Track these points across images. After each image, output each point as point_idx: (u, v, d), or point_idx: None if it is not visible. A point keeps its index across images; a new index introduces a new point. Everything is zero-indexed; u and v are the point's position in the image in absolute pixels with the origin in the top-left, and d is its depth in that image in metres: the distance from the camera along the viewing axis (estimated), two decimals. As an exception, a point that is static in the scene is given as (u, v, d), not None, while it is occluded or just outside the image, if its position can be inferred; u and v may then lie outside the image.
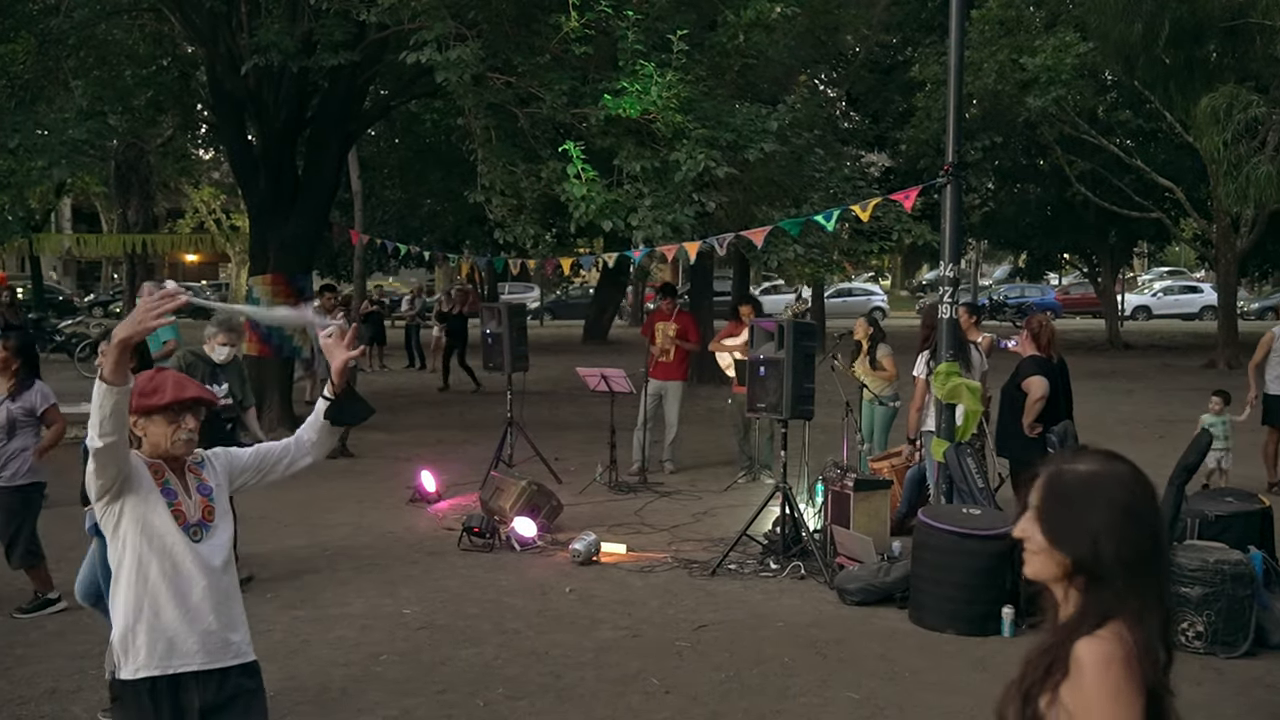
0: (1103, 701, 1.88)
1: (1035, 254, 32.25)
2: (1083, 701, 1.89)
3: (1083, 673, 1.89)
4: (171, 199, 33.31)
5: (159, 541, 3.18)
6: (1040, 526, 2.00)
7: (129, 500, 3.16)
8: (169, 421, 3.21)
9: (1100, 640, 1.90)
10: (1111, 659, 1.89)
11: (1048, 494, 2.02)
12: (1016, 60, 18.30)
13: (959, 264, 7.62)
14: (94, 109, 13.23)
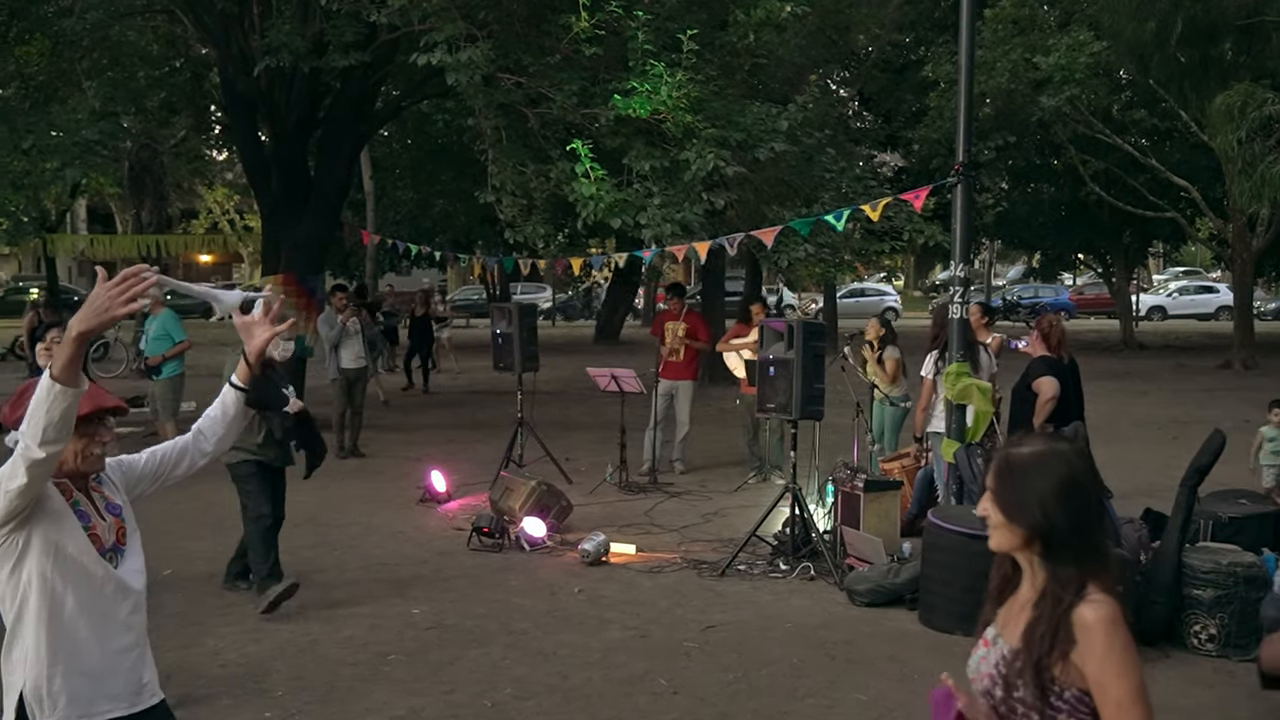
0: (1116, 655, 2.12)
1: (1049, 254, 32.13)
2: (1098, 659, 2.12)
3: (1093, 635, 2.12)
4: (185, 199, 33.45)
5: (77, 571, 2.77)
6: (996, 504, 2.24)
7: (38, 526, 2.71)
8: (82, 434, 2.77)
9: (1097, 604, 2.14)
10: (1114, 618, 2.14)
11: (1000, 474, 2.26)
12: (1030, 59, 18.23)
13: (970, 264, 7.59)
14: (107, 110, 13.29)
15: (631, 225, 9.56)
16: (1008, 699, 2.21)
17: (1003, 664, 2.24)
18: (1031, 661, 2.16)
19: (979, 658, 2.34)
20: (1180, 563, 6.20)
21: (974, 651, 2.37)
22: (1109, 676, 2.13)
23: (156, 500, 9.92)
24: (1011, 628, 2.27)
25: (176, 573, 7.65)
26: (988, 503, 2.27)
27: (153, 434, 13.38)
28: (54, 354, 2.46)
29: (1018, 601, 2.29)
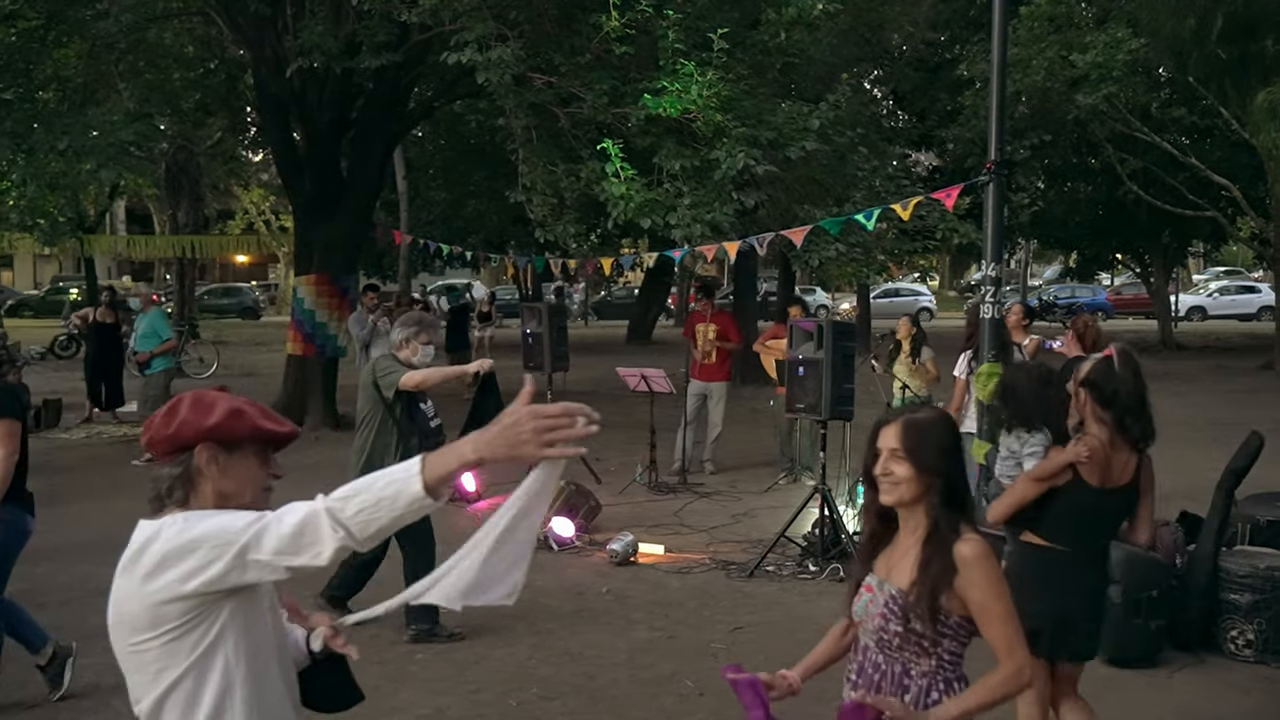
0: (994, 581, 2.58)
1: (1086, 254, 31.77)
2: (979, 586, 2.55)
3: (973, 566, 2.55)
4: (222, 200, 33.80)
5: (266, 647, 2.25)
6: (907, 458, 2.60)
7: (234, 599, 2.15)
8: (260, 459, 2.31)
9: (972, 541, 2.57)
10: (987, 551, 2.57)
11: (909, 434, 2.62)
12: (1066, 57, 18.04)
13: (1002, 263, 7.50)
14: (142, 111, 13.43)
15: (661, 225, 9.53)
16: (904, 631, 2.59)
17: (893, 602, 2.62)
18: (927, 593, 2.55)
19: (865, 602, 2.69)
20: (1217, 567, 6.09)
21: (858, 598, 2.73)
22: (990, 599, 2.56)
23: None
24: (897, 572, 2.65)
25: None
26: (891, 463, 2.62)
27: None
28: (431, 464, 1.99)
29: (898, 550, 2.69)
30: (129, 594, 2.12)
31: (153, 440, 2.24)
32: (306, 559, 2.05)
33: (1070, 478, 4.03)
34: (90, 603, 6.94)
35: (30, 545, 7.93)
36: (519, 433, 1.94)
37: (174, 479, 2.20)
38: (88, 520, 9.05)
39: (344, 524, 2.00)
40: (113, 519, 9.15)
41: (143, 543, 2.14)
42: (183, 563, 2.07)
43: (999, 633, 2.56)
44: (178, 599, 2.08)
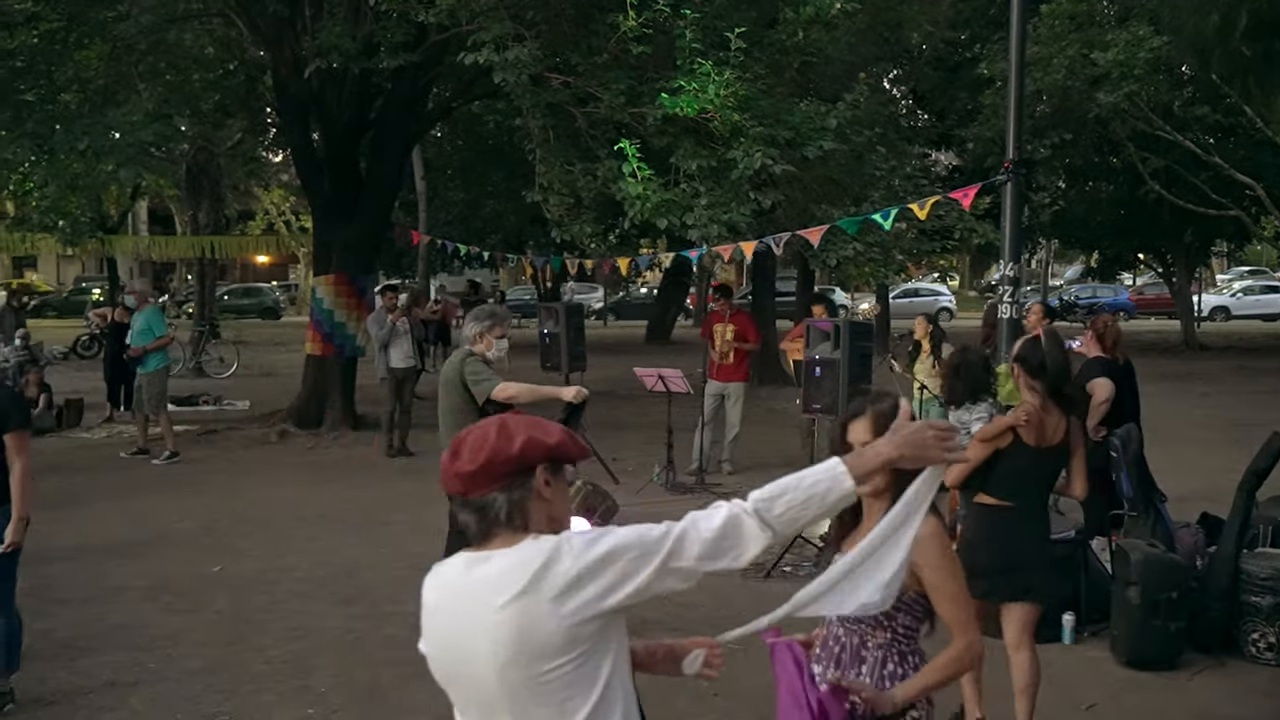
0: (947, 560, 2.79)
1: (1107, 253, 31.56)
2: (933, 565, 2.75)
3: (928, 545, 2.67)
4: (242, 201, 33.96)
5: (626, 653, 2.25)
6: None
7: (620, 619, 2.15)
8: (560, 481, 2.25)
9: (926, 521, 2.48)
10: (940, 530, 2.78)
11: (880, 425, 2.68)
12: (1087, 55, 17.91)
13: (1020, 263, 7.46)
14: (161, 112, 13.50)
15: (678, 225, 9.51)
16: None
17: None
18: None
19: None
20: (1237, 569, 6.04)
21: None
22: (942, 579, 2.76)
23: (205, 499, 10.06)
24: None
25: (226, 569, 7.73)
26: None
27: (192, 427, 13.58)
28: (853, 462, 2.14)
29: (861, 533, 2.73)
30: (538, 618, 2.03)
31: (482, 469, 2.13)
32: (727, 562, 2.12)
33: (1011, 440, 4.69)
34: (108, 601, 7.00)
35: (49, 544, 8.03)
36: (924, 438, 2.18)
37: (511, 504, 2.13)
38: (107, 520, 9.12)
39: (770, 523, 2.10)
40: (130, 519, 9.28)
41: (540, 566, 2.05)
42: (601, 578, 2.05)
43: (950, 611, 2.78)
44: (596, 616, 2.05)
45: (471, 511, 2.14)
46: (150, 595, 7.11)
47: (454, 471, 2.14)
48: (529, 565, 2.05)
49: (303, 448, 12.83)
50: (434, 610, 2.19)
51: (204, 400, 16.40)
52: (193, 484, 10.66)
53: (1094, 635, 6.28)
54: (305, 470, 11.56)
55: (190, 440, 13.11)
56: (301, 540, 8.58)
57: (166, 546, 8.36)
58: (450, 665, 2.17)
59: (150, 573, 7.60)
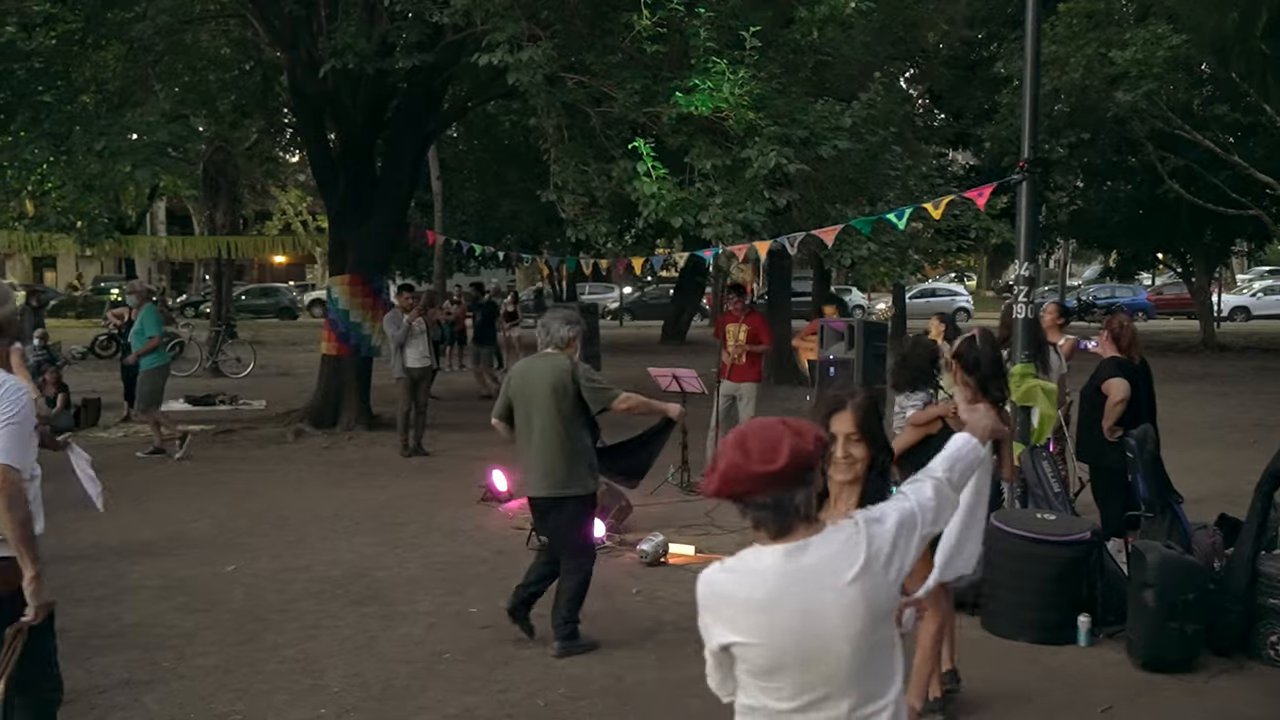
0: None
1: (1125, 253, 31.38)
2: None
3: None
4: (259, 201, 34.09)
5: None
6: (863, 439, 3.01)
7: None
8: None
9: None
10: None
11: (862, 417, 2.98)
12: (1105, 54, 17.80)
13: (1035, 263, 7.41)
14: (176, 112, 13.56)
15: (693, 224, 9.48)
16: None
17: None
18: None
19: None
20: (1255, 570, 5.98)
21: None
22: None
23: (221, 499, 10.10)
24: None
25: (240, 569, 7.75)
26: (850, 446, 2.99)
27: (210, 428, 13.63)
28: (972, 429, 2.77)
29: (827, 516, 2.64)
30: (879, 587, 2.36)
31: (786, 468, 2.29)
32: (941, 524, 2.63)
33: (940, 427, 5.06)
34: (124, 600, 7.02)
35: (66, 542, 8.08)
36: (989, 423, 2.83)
37: (809, 498, 2.35)
38: (123, 519, 9.15)
39: (955, 486, 2.61)
40: (146, 518, 9.31)
41: (866, 543, 2.37)
42: (900, 549, 2.42)
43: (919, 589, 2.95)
44: (899, 579, 2.44)
45: (766, 509, 2.32)
46: (165, 594, 7.13)
47: (749, 473, 2.28)
48: (857, 544, 2.35)
49: (318, 447, 12.87)
50: (771, 603, 2.31)
51: (220, 400, 16.47)
52: (208, 483, 10.70)
53: (1110, 638, 6.23)
54: (320, 470, 11.58)
55: (206, 440, 13.16)
56: (316, 539, 8.60)
57: (181, 546, 8.39)
58: (797, 649, 2.31)
59: (165, 572, 7.63)
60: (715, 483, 2.34)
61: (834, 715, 2.35)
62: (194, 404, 16.03)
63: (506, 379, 6.33)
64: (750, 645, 2.33)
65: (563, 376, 6.01)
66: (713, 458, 2.42)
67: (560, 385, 6.00)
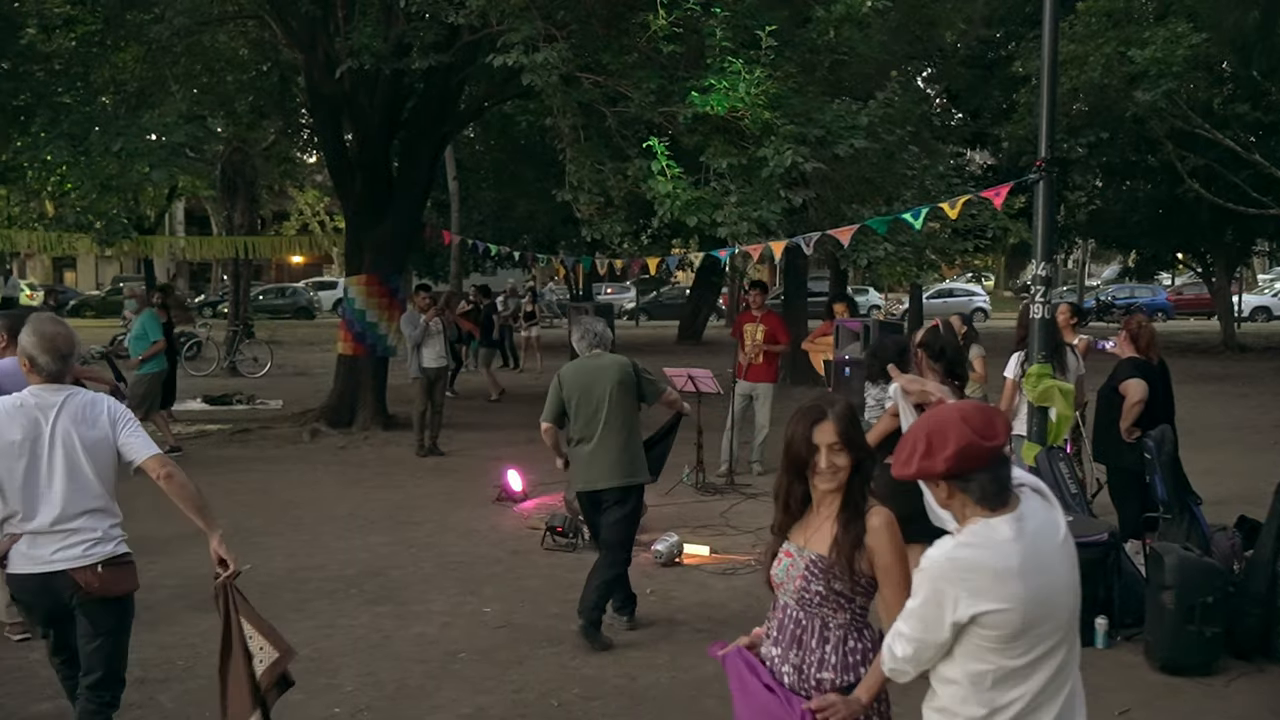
0: (898, 547, 2.99)
1: (1145, 253, 31.18)
2: (887, 551, 2.97)
3: (882, 534, 2.98)
4: (277, 201, 34.21)
5: None
6: (846, 448, 2.98)
7: None
8: None
9: (879, 512, 3.01)
10: (892, 521, 3.00)
11: (845, 425, 2.99)
12: (1124, 53, 17.67)
13: (1052, 263, 7.36)
14: (193, 113, 13.61)
15: (708, 223, 9.46)
16: (825, 590, 2.98)
17: (814, 566, 3.00)
18: (846, 556, 2.96)
19: (786, 566, 3.07)
20: (1275, 572, 5.92)
21: (777, 564, 3.10)
22: (894, 561, 2.97)
23: (237, 498, 10.12)
24: (815, 540, 3.03)
25: (255, 567, 7.77)
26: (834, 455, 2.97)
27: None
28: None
29: (813, 523, 3.06)
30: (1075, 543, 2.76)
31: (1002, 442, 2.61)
32: None
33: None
34: (140, 597, 7.00)
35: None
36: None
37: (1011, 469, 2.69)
38: (140, 517, 9.15)
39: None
40: (162, 517, 9.27)
41: (1057, 506, 2.77)
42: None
43: (895, 596, 2.93)
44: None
45: (993, 482, 2.60)
46: (181, 593, 7.16)
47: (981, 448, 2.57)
48: (1053, 507, 2.72)
49: (334, 447, 12.90)
50: (1024, 569, 2.55)
51: (237, 399, 16.53)
52: (224, 483, 10.73)
53: (1128, 640, 6.18)
54: (336, 469, 11.61)
55: (223, 439, 13.22)
56: (331, 539, 8.62)
57: (197, 544, 8.37)
58: (1042, 608, 2.57)
59: (181, 570, 7.65)
60: (950, 461, 2.55)
61: (1062, 661, 2.65)
62: (211, 403, 16.10)
63: (556, 383, 6.49)
64: (1004, 611, 2.53)
65: (627, 372, 6.40)
66: (914, 441, 2.63)
67: (627, 380, 6.38)
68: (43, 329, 4.21)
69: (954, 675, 2.65)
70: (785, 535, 3.13)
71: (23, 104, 12.30)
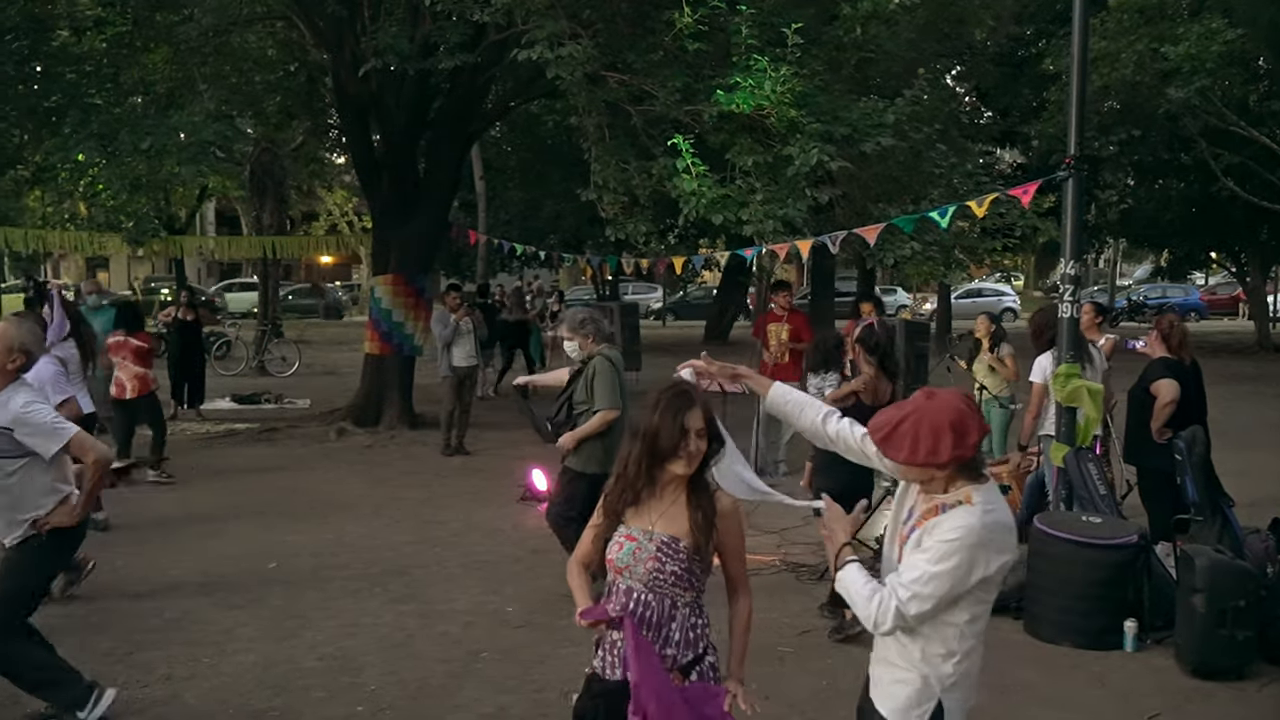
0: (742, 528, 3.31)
1: (1177, 252, 30.85)
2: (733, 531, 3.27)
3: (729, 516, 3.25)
4: (307, 202, 34.38)
5: None
6: (708, 433, 3.17)
7: None
8: None
9: (725, 495, 3.29)
10: (736, 503, 3.30)
11: (709, 413, 3.19)
12: (1157, 50, 17.47)
13: (1081, 262, 7.27)
14: (221, 112, 13.69)
15: (733, 222, 9.41)
16: (680, 571, 3.13)
17: (667, 549, 3.14)
18: (704, 537, 3.14)
19: (631, 550, 3.18)
20: (1309, 576, 5.84)
21: (618, 549, 3.20)
22: (739, 542, 3.27)
23: (264, 496, 10.12)
24: (664, 523, 3.17)
25: (280, 565, 7.80)
26: (700, 440, 3.13)
27: (271, 429, 13.76)
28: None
29: (656, 507, 3.20)
30: None
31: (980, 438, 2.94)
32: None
33: (854, 400, 6.41)
34: (166, 596, 7.09)
35: (112, 539, 8.18)
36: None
37: None
38: (166, 516, 9.25)
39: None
40: (188, 515, 9.39)
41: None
42: None
43: (740, 569, 3.31)
44: None
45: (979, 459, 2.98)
46: (206, 590, 7.19)
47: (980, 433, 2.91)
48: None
49: (360, 446, 12.93)
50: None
51: (265, 398, 16.62)
52: (251, 481, 10.79)
53: (1158, 643, 6.10)
54: (362, 468, 11.64)
55: (251, 438, 13.29)
56: (356, 537, 8.64)
57: (223, 542, 8.46)
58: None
59: (207, 568, 7.69)
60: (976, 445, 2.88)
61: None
62: (240, 402, 16.19)
63: (614, 369, 6.88)
64: (1009, 558, 2.91)
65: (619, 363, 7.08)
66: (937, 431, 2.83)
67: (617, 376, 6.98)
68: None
69: (956, 620, 2.91)
70: (621, 517, 3.24)
71: (54, 105, 12.41)
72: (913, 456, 2.86)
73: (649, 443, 3.17)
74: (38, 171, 14.74)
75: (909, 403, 2.92)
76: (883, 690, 3.08)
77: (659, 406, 3.17)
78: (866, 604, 2.93)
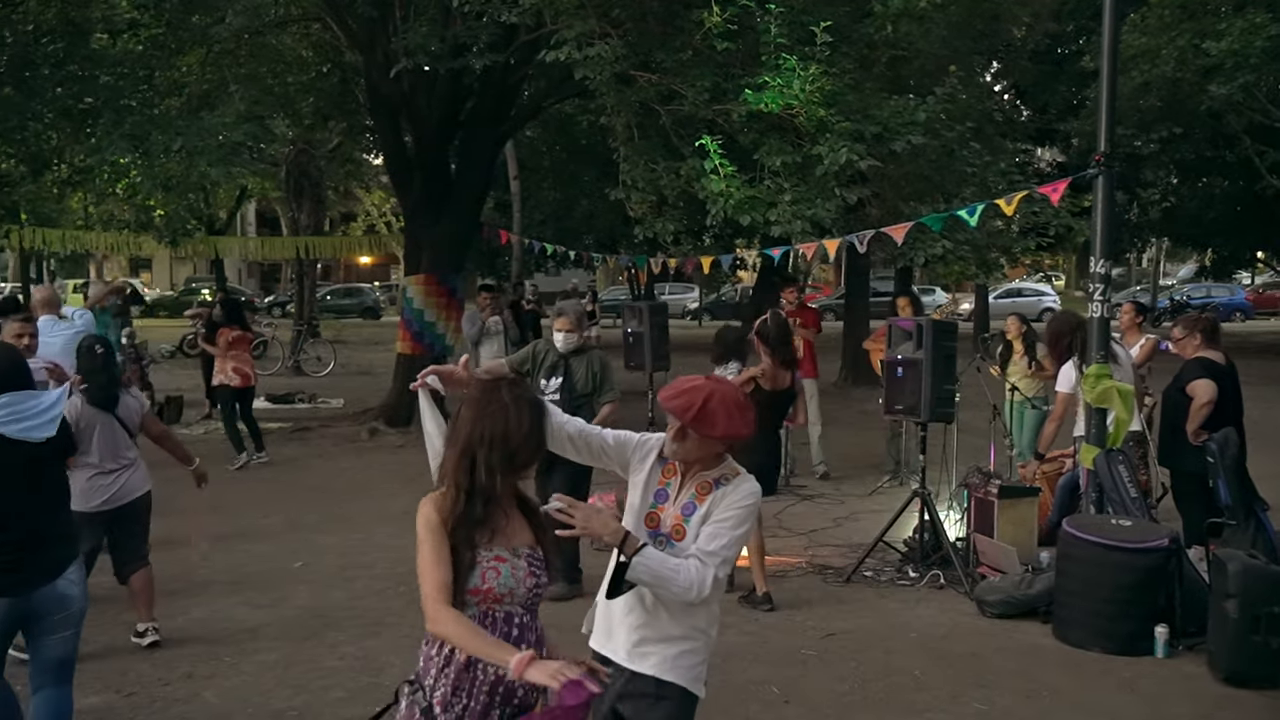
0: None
1: (1221, 252, 30.37)
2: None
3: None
4: (345, 203, 34.64)
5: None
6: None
7: None
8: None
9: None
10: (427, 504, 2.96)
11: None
12: (1199, 45, 17.18)
13: (1114, 260, 7.14)
14: (252, 113, 13.78)
15: (762, 222, 9.35)
16: (544, 581, 2.91)
17: (535, 563, 2.88)
18: (554, 544, 2.96)
19: (509, 572, 2.82)
20: (1346, 583, 5.68)
21: (494, 574, 2.80)
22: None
23: (294, 495, 10.16)
24: (518, 536, 2.87)
25: (307, 565, 7.83)
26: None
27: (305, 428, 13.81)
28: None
29: (499, 522, 2.84)
30: None
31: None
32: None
33: (754, 386, 6.73)
34: (193, 594, 7.13)
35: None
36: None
37: None
38: (197, 514, 9.30)
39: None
40: (219, 514, 9.44)
41: None
42: None
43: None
44: None
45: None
46: (232, 589, 7.23)
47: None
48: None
49: (392, 446, 12.98)
50: None
51: (299, 398, 16.74)
52: (282, 480, 10.86)
53: (1189, 649, 5.98)
54: (393, 468, 11.67)
55: (283, 437, 13.37)
56: (383, 537, 8.66)
57: (252, 541, 8.51)
58: None
59: (234, 566, 7.74)
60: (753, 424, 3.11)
61: None
62: (274, 402, 16.31)
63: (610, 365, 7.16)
64: None
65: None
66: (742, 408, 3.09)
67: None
68: None
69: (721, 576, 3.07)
70: (478, 543, 2.83)
71: (89, 107, 12.56)
72: (728, 430, 3.02)
73: (515, 453, 2.82)
74: (76, 173, 14.92)
75: (698, 386, 3.05)
76: (669, 664, 3.12)
77: (511, 410, 2.82)
78: (682, 577, 2.97)
